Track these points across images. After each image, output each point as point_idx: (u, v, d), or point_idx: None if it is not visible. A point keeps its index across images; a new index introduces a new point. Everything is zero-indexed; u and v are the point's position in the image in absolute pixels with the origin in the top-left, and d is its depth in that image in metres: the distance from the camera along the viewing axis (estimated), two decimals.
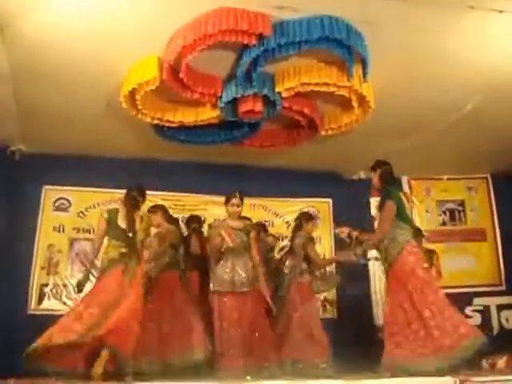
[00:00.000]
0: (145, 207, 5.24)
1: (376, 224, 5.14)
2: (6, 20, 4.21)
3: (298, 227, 5.95)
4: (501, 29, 4.47)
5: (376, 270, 7.29)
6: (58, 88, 5.31)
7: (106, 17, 4.28)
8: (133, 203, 4.79)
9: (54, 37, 4.49)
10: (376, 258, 7.28)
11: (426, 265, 4.50)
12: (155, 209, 5.65)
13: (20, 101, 5.52)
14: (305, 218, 6.01)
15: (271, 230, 6.96)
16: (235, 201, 5.31)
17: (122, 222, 4.66)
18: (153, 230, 5.32)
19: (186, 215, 6.92)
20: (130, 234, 4.60)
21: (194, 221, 6.39)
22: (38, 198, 6.82)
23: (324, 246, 7.44)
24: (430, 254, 6.16)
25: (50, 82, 5.20)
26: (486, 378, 3.83)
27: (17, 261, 6.42)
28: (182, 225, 6.47)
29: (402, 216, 4.53)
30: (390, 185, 4.73)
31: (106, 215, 4.71)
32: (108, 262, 4.57)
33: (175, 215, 6.95)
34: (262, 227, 6.37)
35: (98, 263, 4.82)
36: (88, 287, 4.69)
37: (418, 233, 4.91)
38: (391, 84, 5.21)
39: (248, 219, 5.69)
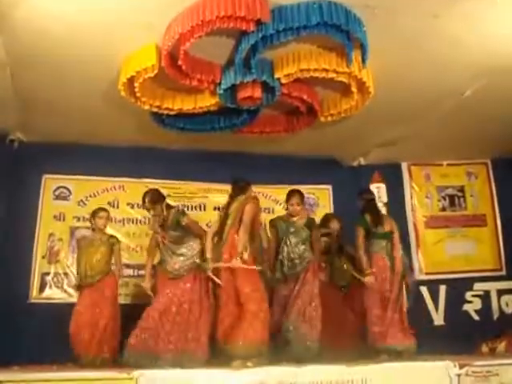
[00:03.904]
0: None
1: None
2: (3, 8, 4.18)
3: None
4: (499, 13, 4.43)
5: None
6: (57, 76, 5.29)
7: (103, 5, 4.25)
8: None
9: (52, 25, 4.47)
10: None
11: None
12: None
13: (18, 89, 5.50)
14: None
15: (271, 217, 6.93)
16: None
17: None
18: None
19: (186, 203, 6.95)
20: None
21: None
22: (38, 186, 6.80)
23: None
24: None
25: (48, 71, 5.18)
26: (486, 361, 3.87)
27: (17, 250, 6.43)
28: None
29: None
30: None
31: None
32: None
33: (175, 203, 6.97)
34: None
35: None
36: None
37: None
38: (390, 69, 5.18)
39: None
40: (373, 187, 7.22)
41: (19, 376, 3.72)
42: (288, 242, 5.48)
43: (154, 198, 5.35)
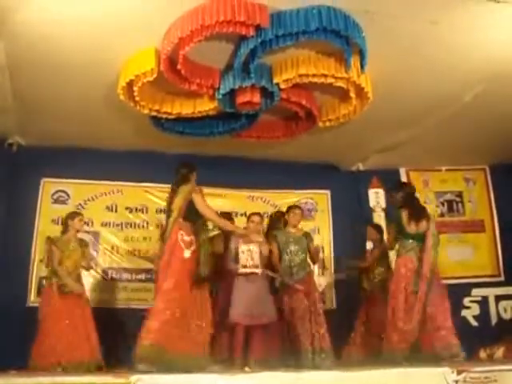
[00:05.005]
0: None
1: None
2: (2, 12, 4.18)
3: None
4: (497, 19, 4.45)
5: None
6: (56, 80, 5.30)
7: (102, 9, 4.26)
8: None
9: (52, 30, 4.48)
10: None
11: None
12: None
13: (17, 93, 5.50)
14: None
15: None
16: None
17: None
18: None
19: None
20: None
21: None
22: (37, 190, 6.81)
23: (323, 237, 7.46)
24: None
25: (47, 75, 5.19)
26: (484, 367, 3.86)
27: (16, 253, 6.43)
28: None
29: None
30: None
31: None
32: None
33: None
34: None
35: None
36: None
37: None
38: (389, 75, 5.19)
39: None
40: (371, 192, 7.24)
41: (17, 380, 3.69)
42: (288, 251, 5.63)
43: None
